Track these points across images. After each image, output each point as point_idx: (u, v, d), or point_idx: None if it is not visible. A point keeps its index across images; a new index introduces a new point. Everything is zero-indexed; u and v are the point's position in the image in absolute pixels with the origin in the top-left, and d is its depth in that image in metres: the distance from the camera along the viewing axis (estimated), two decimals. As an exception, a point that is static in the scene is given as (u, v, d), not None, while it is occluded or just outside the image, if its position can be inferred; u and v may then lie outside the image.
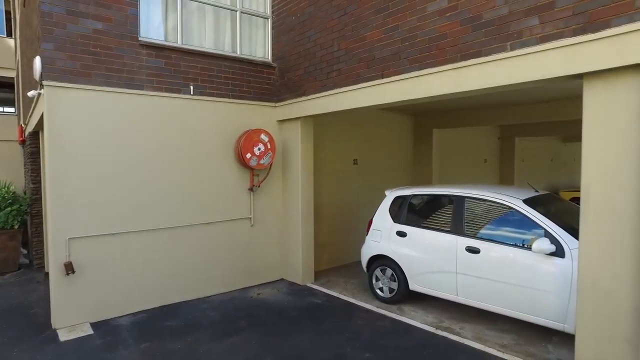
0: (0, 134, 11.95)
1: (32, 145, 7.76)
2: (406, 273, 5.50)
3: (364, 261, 6.11)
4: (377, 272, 5.89)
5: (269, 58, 6.83)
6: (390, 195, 5.97)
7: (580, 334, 3.59)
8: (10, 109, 13.46)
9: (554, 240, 4.23)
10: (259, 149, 6.21)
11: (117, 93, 5.21)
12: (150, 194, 5.52)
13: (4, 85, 13.07)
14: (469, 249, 4.84)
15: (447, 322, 5.06)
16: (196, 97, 5.87)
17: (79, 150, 4.96)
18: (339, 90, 5.53)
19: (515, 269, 4.47)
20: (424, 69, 4.48)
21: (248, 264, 6.56)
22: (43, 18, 4.71)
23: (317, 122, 6.91)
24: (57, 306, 4.93)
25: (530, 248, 4.33)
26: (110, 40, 5.14)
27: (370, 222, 6.11)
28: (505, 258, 4.57)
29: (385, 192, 6.12)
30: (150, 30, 5.61)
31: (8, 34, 12.83)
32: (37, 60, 4.73)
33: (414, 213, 5.64)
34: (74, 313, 5.01)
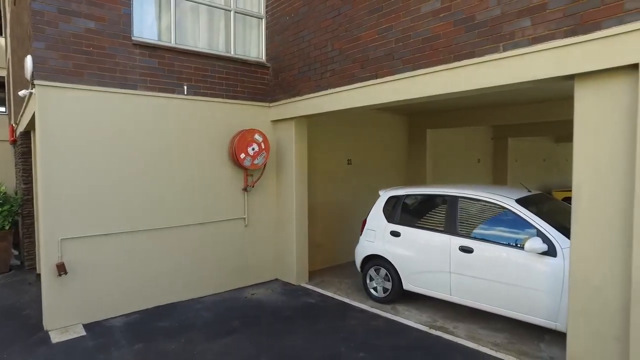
0: (-9, 134, 11.82)
1: (24, 145, 7.69)
2: (400, 273, 5.52)
3: (358, 261, 6.13)
4: (371, 271, 5.90)
5: (263, 58, 6.82)
6: (384, 195, 5.99)
7: (572, 332, 3.63)
8: (1, 109, 13.31)
9: (546, 239, 4.27)
10: (253, 149, 6.21)
11: (110, 93, 5.17)
12: (144, 194, 5.49)
13: (-6, 84, 12.94)
14: (463, 249, 4.87)
15: (441, 322, 5.08)
16: (190, 97, 5.85)
17: (72, 150, 4.93)
18: (333, 90, 5.54)
19: (508, 268, 4.51)
20: (417, 70, 4.51)
21: (242, 264, 6.55)
22: (34, 17, 4.67)
23: (311, 122, 6.92)
24: (49, 307, 4.89)
25: (523, 247, 4.37)
26: (103, 40, 5.10)
27: (364, 222, 6.13)
28: (498, 257, 4.61)
29: (379, 192, 6.14)
30: (144, 29, 5.58)
31: (-2, 32, 12.70)
32: (29, 60, 4.68)
33: (407, 213, 5.67)
34: (66, 314, 4.98)
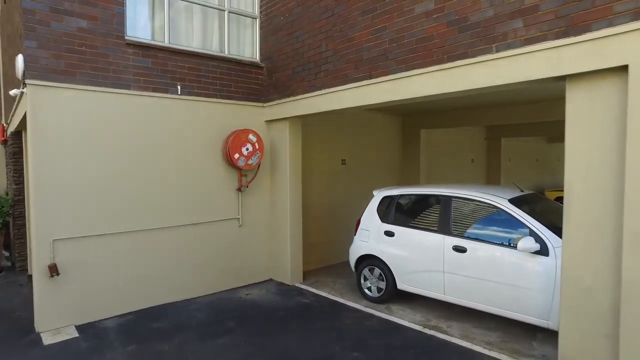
0: (-18, 134, 11.68)
1: (15, 145, 7.61)
2: (394, 272, 5.54)
3: (352, 261, 6.14)
4: (366, 271, 5.92)
5: (257, 58, 6.81)
6: (378, 195, 6.00)
7: (563, 330, 3.66)
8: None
9: (538, 239, 4.30)
10: (247, 149, 6.20)
11: (103, 92, 5.14)
12: (137, 194, 5.46)
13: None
14: (456, 248, 4.89)
15: (435, 321, 5.11)
16: (184, 97, 5.83)
17: (64, 150, 4.89)
18: (327, 90, 5.54)
19: (501, 267, 4.54)
20: (411, 70, 4.53)
21: (236, 265, 6.53)
22: (25, 15, 4.62)
23: (306, 122, 6.92)
24: (41, 309, 4.85)
25: (516, 247, 4.40)
26: (95, 39, 5.07)
27: (358, 222, 6.14)
28: (491, 257, 4.64)
29: (373, 192, 6.15)
30: (137, 29, 5.56)
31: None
32: (20, 59, 4.64)
33: (401, 213, 5.69)
34: (59, 316, 4.93)
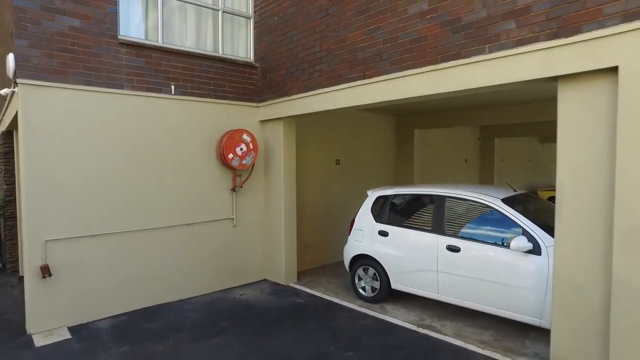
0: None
1: (6, 145, 7.53)
2: (388, 272, 5.56)
3: (347, 261, 6.15)
4: (360, 271, 5.93)
5: (251, 58, 6.80)
6: (372, 195, 6.02)
7: (555, 328, 3.70)
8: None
9: (531, 238, 4.33)
10: (241, 149, 6.18)
11: (96, 92, 5.11)
12: (130, 194, 5.43)
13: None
14: (450, 248, 4.92)
15: (429, 320, 5.13)
16: (177, 97, 5.80)
17: (56, 150, 4.85)
18: (321, 90, 5.55)
19: (494, 266, 4.57)
20: (405, 70, 4.54)
21: (230, 265, 6.52)
22: (16, 14, 4.58)
23: (300, 122, 6.92)
24: (32, 310, 4.80)
25: (509, 246, 4.43)
26: (88, 38, 5.04)
27: (352, 222, 6.14)
28: (484, 256, 4.66)
29: (368, 192, 6.17)
30: (130, 28, 5.52)
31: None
32: (11, 58, 4.60)
33: (395, 213, 5.70)
34: (51, 317, 4.89)
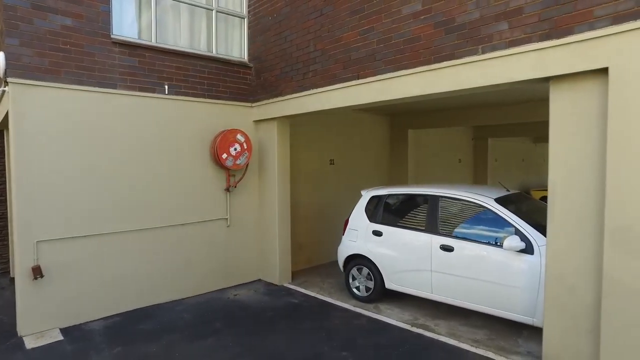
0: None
1: (-3, 145, 7.46)
2: (382, 272, 5.57)
3: (341, 261, 6.15)
4: (354, 271, 5.94)
5: (245, 58, 6.79)
6: (366, 195, 6.03)
7: (548, 327, 3.73)
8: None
9: (523, 237, 4.36)
10: (235, 149, 6.17)
11: (89, 92, 5.07)
12: (123, 195, 5.39)
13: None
14: (443, 247, 4.94)
15: (423, 320, 5.15)
16: (171, 97, 5.78)
17: (48, 150, 4.80)
18: (315, 90, 5.55)
19: (487, 266, 4.60)
20: (398, 71, 4.55)
21: (224, 265, 6.50)
22: (7, 12, 4.53)
23: (294, 122, 6.91)
24: (23, 312, 4.75)
25: (502, 245, 4.46)
26: (80, 38, 5.00)
27: (346, 222, 6.16)
28: (477, 256, 4.69)
29: (362, 192, 6.18)
30: (123, 27, 5.49)
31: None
32: (1, 56, 4.55)
33: (389, 212, 5.72)
34: (42, 319, 4.85)
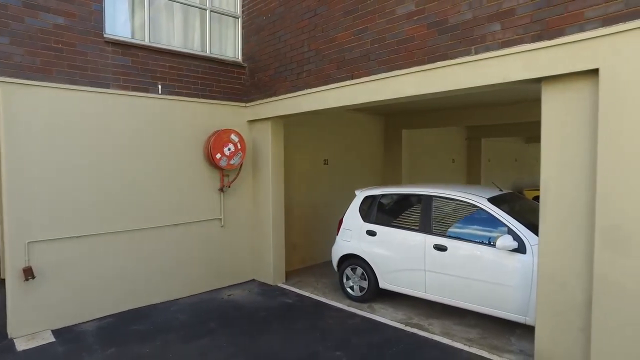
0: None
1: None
2: (376, 271, 5.59)
3: (335, 260, 6.16)
4: (348, 271, 5.95)
5: (239, 58, 6.77)
6: (360, 195, 6.04)
7: (540, 325, 3.76)
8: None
9: (516, 237, 4.40)
10: (229, 149, 6.15)
11: (81, 91, 5.03)
12: (116, 195, 5.36)
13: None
14: (437, 247, 4.96)
15: (416, 319, 5.17)
16: (165, 97, 5.75)
17: (39, 150, 4.76)
18: (309, 90, 5.55)
19: (480, 265, 4.63)
20: (392, 71, 4.57)
21: (218, 265, 6.48)
22: (-3, 10, 4.50)
23: (288, 122, 6.91)
24: (14, 314, 4.71)
25: (495, 245, 4.49)
26: (73, 36, 4.96)
27: (340, 222, 6.16)
28: (471, 255, 4.72)
29: (356, 192, 6.19)
30: (116, 27, 5.45)
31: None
32: (-7, 56, 4.51)
33: (383, 212, 5.74)
34: (34, 320, 4.80)
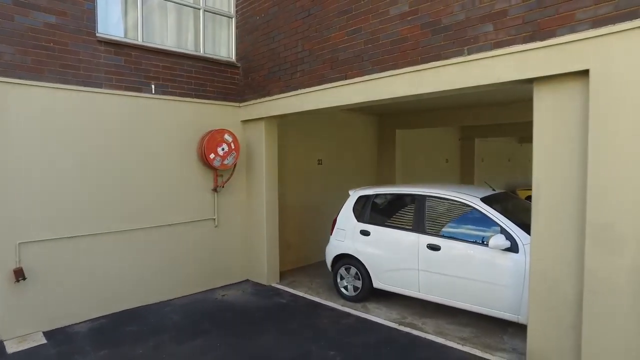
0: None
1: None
2: (370, 271, 5.60)
3: (329, 260, 6.17)
4: (342, 270, 5.96)
5: (233, 58, 6.76)
6: (354, 195, 6.06)
7: (532, 323, 3.80)
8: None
9: (509, 236, 4.43)
10: (223, 149, 6.14)
11: (73, 91, 4.99)
12: (109, 195, 5.33)
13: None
14: (430, 247, 4.99)
15: (410, 318, 5.19)
16: (158, 96, 5.72)
17: (31, 150, 4.72)
18: (303, 90, 5.56)
19: (473, 264, 4.66)
20: (385, 71, 4.59)
21: (212, 266, 6.46)
22: (-13, 9, 4.45)
23: (282, 122, 6.91)
24: (4, 315, 4.65)
25: (487, 244, 4.52)
26: (65, 36, 4.92)
27: (334, 222, 6.17)
28: (464, 254, 4.75)
29: (349, 192, 6.20)
30: (109, 26, 5.42)
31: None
32: (-17, 55, 4.46)
33: (377, 212, 5.75)
34: (25, 322, 4.76)
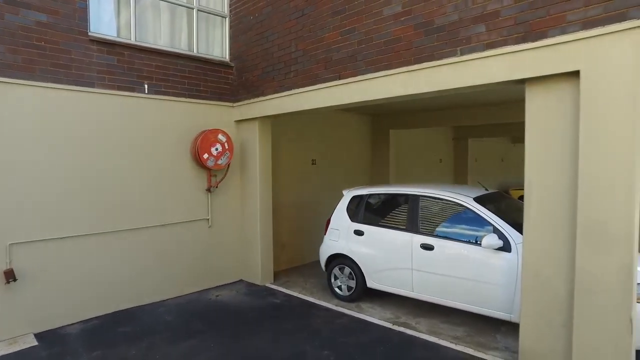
0: None
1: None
2: (364, 271, 5.61)
3: (323, 260, 6.17)
4: (336, 270, 5.96)
5: (227, 57, 6.74)
6: (348, 195, 6.06)
7: (524, 322, 3.83)
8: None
9: (501, 235, 4.46)
10: (217, 149, 6.12)
11: (65, 90, 4.95)
12: (101, 195, 5.29)
13: None
14: (424, 246, 5.01)
15: (404, 318, 5.21)
16: (151, 96, 5.69)
17: (21, 149, 4.67)
18: (297, 90, 5.55)
19: (466, 264, 4.68)
20: (379, 71, 4.60)
21: (206, 266, 6.44)
22: (-22, 8, 4.41)
23: (276, 122, 6.90)
24: (-4, 317, 4.63)
25: (480, 244, 4.55)
26: (56, 34, 4.88)
27: (328, 222, 6.17)
28: (457, 254, 4.77)
29: (343, 192, 6.21)
30: (102, 25, 5.39)
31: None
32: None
33: (371, 212, 5.77)
34: (15, 324, 4.70)
